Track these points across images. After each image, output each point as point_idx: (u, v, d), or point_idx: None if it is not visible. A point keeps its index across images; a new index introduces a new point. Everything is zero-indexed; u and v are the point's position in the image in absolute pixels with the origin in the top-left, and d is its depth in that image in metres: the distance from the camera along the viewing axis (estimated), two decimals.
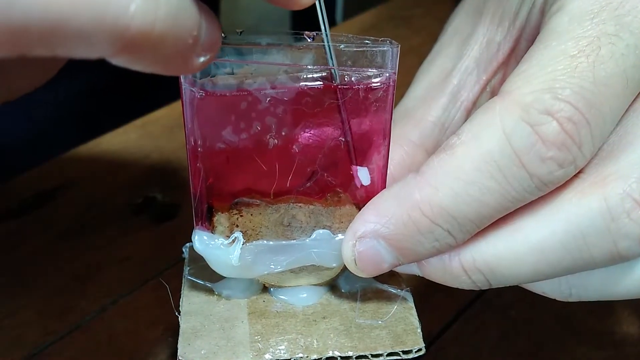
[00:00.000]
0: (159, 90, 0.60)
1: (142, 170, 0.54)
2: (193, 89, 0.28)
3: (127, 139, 0.57)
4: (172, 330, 0.40)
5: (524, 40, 0.33)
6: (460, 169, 0.27)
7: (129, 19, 0.21)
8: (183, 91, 0.29)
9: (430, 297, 0.34)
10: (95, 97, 0.66)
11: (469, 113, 0.35)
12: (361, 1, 0.76)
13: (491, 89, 0.35)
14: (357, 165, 0.31)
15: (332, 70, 0.29)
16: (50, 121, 0.65)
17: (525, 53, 0.29)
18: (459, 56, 0.35)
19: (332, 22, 0.76)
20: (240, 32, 0.29)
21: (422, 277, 0.31)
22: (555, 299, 0.31)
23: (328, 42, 0.29)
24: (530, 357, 0.40)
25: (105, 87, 0.65)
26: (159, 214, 0.50)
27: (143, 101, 0.61)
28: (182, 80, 0.29)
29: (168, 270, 0.45)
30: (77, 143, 0.56)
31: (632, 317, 0.42)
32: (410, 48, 0.67)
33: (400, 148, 0.34)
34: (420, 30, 0.73)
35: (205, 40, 0.24)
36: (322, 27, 0.29)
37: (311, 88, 0.29)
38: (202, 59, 0.24)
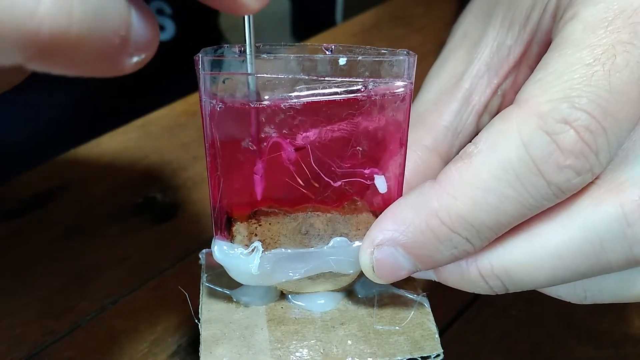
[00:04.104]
0: (159, 90, 0.60)
1: (142, 170, 0.53)
2: (212, 102, 0.28)
3: (127, 139, 0.56)
4: (172, 330, 0.41)
5: (535, 45, 0.33)
6: (479, 177, 0.27)
7: (38, 23, 0.19)
8: (202, 104, 0.29)
9: (431, 297, 0.34)
10: (95, 97, 0.65)
11: (480, 117, 0.36)
12: (361, 1, 0.76)
13: (502, 92, 0.35)
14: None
15: (248, 78, 0.29)
16: (50, 122, 0.64)
17: (536, 57, 0.29)
18: (470, 60, 0.35)
19: (332, 22, 0.75)
20: (259, 46, 0.29)
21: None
22: (558, 300, 0.31)
23: (251, 51, 0.29)
24: (530, 357, 0.40)
25: (105, 87, 0.64)
26: (159, 214, 0.49)
27: (143, 101, 0.60)
28: (201, 92, 0.29)
29: (168, 271, 0.45)
30: (77, 143, 0.55)
31: (632, 317, 0.43)
32: (411, 48, 0.66)
33: (414, 153, 0.34)
34: (420, 30, 0.72)
35: (138, 39, 0.22)
36: (247, 36, 0.29)
37: (329, 99, 0.29)
38: (135, 59, 0.22)
